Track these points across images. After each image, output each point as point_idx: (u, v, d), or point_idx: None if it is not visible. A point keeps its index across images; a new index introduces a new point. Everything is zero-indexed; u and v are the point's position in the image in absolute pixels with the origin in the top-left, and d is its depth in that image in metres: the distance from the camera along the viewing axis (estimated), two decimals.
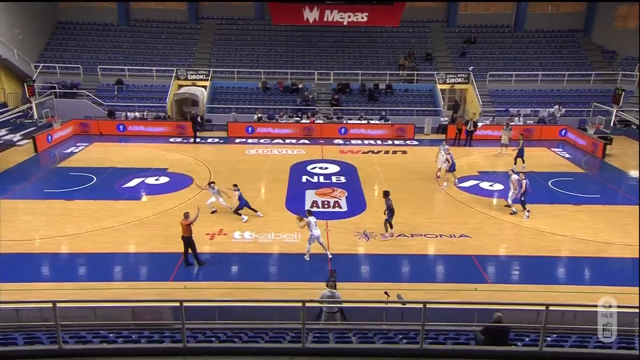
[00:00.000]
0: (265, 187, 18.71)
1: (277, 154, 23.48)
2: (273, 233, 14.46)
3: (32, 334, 7.28)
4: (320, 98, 29.73)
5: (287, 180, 19.32)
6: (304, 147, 24.56)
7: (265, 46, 32.45)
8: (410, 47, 32.42)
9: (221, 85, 30.15)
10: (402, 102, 29.63)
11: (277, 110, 28.51)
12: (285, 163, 21.60)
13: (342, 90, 29.87)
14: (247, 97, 29.64)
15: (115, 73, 29.59)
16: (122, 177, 19.21)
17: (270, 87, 29.97)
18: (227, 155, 23.22)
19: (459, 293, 11.34)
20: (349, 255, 13.32)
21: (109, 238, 14.01)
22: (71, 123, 25.96)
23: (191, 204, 16.67)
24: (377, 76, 30.57)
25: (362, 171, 20.60)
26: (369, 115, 28.22)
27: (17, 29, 28.24)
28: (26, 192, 17.51)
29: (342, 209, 16.46)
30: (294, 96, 29.61)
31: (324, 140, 25.84)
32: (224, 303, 9.20)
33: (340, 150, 24.07)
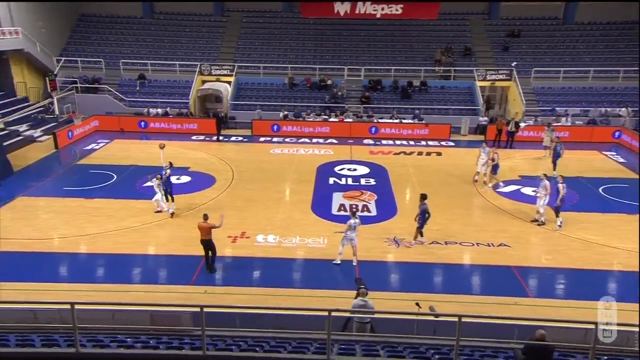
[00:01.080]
0: (291, 189, 18.78)
1: (303, 153, 23.57)
2: (298, 237, 14.50)
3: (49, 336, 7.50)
4: (350, 95, 29.69)
5: (313, 181, 19.36)
6: (332, 147, 24.57)
7: (293, 40, 32.65)
8: (447, 41, 32.02)
9: (246, 81, 30.49)
10: (437, 100, 29.30)
11: (304, 107, 28.61)
12: (311, 163, 21.67)
13: (373, 87, 29.76)
14: (272, 93, 29.87)
15: (137, 68, 30.32)
16: (143, 175, 19.64)
17: (298, 83, 30.11)
18: (251, 154, 23.46)
19: (497, 307, 11.10)
20: (377, 263, 13.23)
21: (128, 238, 14.34)
22: (92, 119, 26.73)
23: (213, 205, 16.92)
24: (411, 72, 30.32)
25: (393, 173, 20.46)
26: (401, 114, 28.01)
27: (40, 22, 29.30)
28: (46, 189, 18.12)
29: (371, 213, 16.37)
30: (322, 93, 29.67)
31: (353, 140, 25.79)
32: (245, 310, 9.27)
33: (370, 151, 23.97)
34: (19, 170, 20.14)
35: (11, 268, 12.64)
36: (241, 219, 15.80)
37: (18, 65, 28.11)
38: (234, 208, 16.63)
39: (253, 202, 17.20)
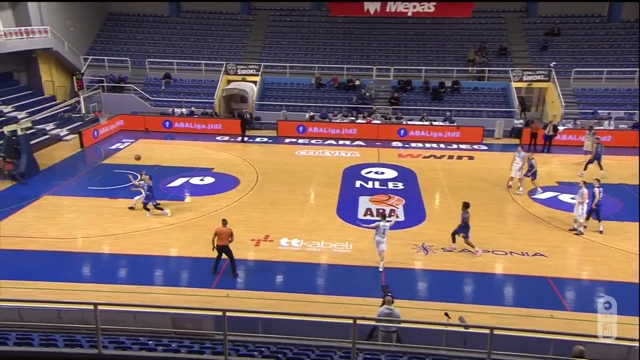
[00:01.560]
0: (316, 192, 18.81)
1: (329, 156, 23.59)
2: (322, 242, 14.51)
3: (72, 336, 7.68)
4: (379, 96, 29.59)
5: (339, 185, 19.36)
6: (359, 150, 24.51)
7: (321, 39, 32.76)
8: (481, 40, 31.60)
9: (272, 81, 30.73)
10: (470, 101, 28.91)
11: (331, 108, 28.65)
12: (337, 166, 21.67)
13: (402, 88, 29.57)
14: (299, 94, 30.03)
15: (163, 67, 30.91)
16: (166, 176, 20.00)
17: (325, 83, 30.18)
18: (276, 155, 23.60)
19: (532, 320, 10.85)
20: (405, 270, 13.12)
21: (151, 239, 14.60)
22: (117, 118, 27.37)
23: (237, 207, 17.08)
24: (442, 73, 30.02)
25: (423, 177, 20.28)
26: (432, 115, 27.74)
27: (68, 21, 30.21)
28: (71, 188, 18.62)
29: (398, 218, 16.26)
30: (349, 94, 29.65)
31: (380, 142, 25.68)
32: (268, 315, 9.31)
33: (398, 154, 23.82)
34: (45, 169, 20.76)
35: (36, 267, 13.02)
36: (265, 221, 15.89)
37: (46, 64, 29.04)
38: (257, 210, 16.75)
39: (277, 204, 17.28)
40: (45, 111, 25.08)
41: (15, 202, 17.09)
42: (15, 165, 19.37)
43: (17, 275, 12.39)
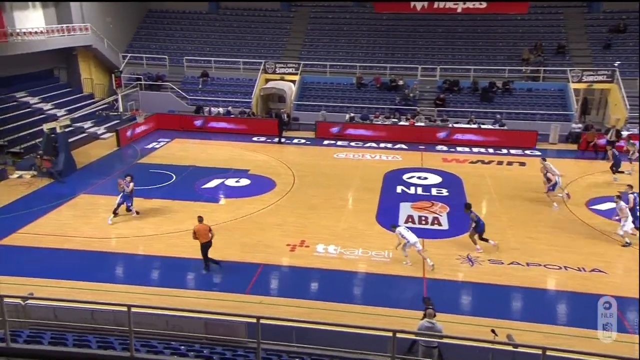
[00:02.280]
0: (354, 197, 18.76)
1: (369, 159, 23.51)
2: (361, 249, 14.45)
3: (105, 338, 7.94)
4: (423, 97, 29.28)
5: (379, 189, 19.26)
6: (401, 153, 24.33)
7: (363, 37, 32.73)
8: (537, 37, 30.79)
9: (311, 80, 30.90)
10: (522, 103, 28.20)
11: (373, 109, 28.55)
12: (378, 170, 21.57)
13: (449, 88, 29.16)
14: (339, 94, 30.07)
15: (201, 65, 31.60)
16: (201, 176, 20.39)
17: (366, 83, 30.11)
18: (313, 158, 23.70)
19: (588, 341, 10.42)
20: (448, 282, 12.90)
21: (184, 241, 14.87)
22: (154, 117, 28.15)
23: (273, 210, 17.24)
24: (493, 72, 29.41)
25: (469, 184, 19.95)
26: (480, 118, 27.21)
27: (108, 18, 31.35)
28: (106, 187, 19.27)
29: (442, 226, 16.05)
30: (392, 94, 29.47)
31: (424, 146, 25.40)
32: (302, 324, 9.33)
33: (443, 159, 23.51)
34: (82, 168, 21.56)
35: (70, 266, 13.53)
36: (301, 226, 15.97)
37: (86, 62, 30.21)
38: (293, 214, 16.85)
39: (314, 209, 17.34)
40: (84, 109, 26.06)
41: (52, 200, 17.81)
42: (53, 163, 20.20)
43: (52, 273, 12.91)
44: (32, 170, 20.23)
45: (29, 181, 19.69)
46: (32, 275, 12.73)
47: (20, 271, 13.01)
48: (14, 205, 17.33)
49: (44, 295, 10.86)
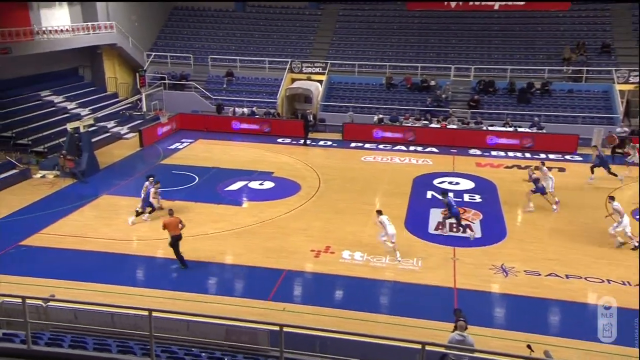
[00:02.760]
0: (382, 202, 18.68)
1: (398, 163, 23.40)
2: (388, 256, 14.37)
3: (125, 342, 8.06)
4: (456, 98, 29.01)
5: (408, 194, 19.16)
6: (432, 157, 24.14)
7: (394, 35, 32.61)
8: (580, 36, 30.16)
9: (339, 80, 30.92)
10: (563, 105, 27.65)
11: (402, 111, 28.40)
12: (407, 174, 21.46)
13: (484, 89, 28.80)
14: (367, 94, 30.02)
15: (226, 64, 31.95)
16: (225, 178, 20.58)
17: (396, 83, 29.99)
18: (340, 160, 23.70)
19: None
20: (480, 293, 12.71)
21: (206, 245, 15.06)
22: (177, 117, 28.56)
23: (297, 214, 17.28)
24: (531, 73, 28.94)
25: (504, 190, 19.67)
26: (516, 121, 26.80)
27: (133, 16, 31.98)
28: (129, 188, 19.62)
29: (475, 234, 15.83)
30: (423, 95, 29.28)
31: (456, 149, 25.14)
32: (327, 333, 9.30)
33: (476, 163, 23.24)
34: (105, 168, 22.02)
35: (92, 268, 13.81)
36: (326, 231, 15.97)
37: (110, 60, 30.87)
38: (318, 219, 16.86)
39: (340, 214, 17.32)
40: (108, 108, 26.63)
41: (74, 201, 18.22)
42: (76, 163, 20.67)
43: (74, 275, 13.20)
44: (55, 170, 20.74)
45: (51, 181, 20.18)
46: (53, 277, 13.04)
47: (42, 272, 13.33)
48: (37, 206, 17.79)
49: (65, 297, 11.09)
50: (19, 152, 21.70)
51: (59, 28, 26.02)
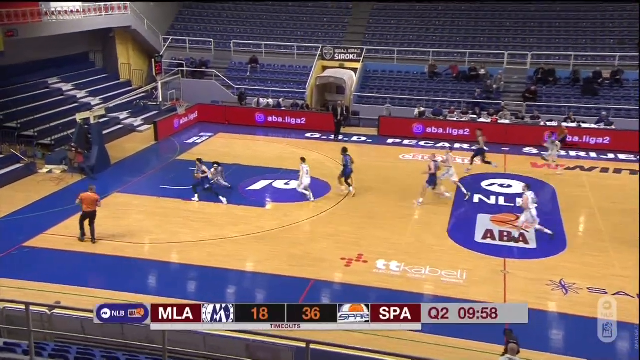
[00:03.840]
0: (422, 205, 18.55)
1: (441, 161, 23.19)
2: (428, 267, 14.27)
3: (135, 357, 8.18)
4: (509, 89, 28.69)
5: (452, 198, 18.99)
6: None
7: (439, 17, 32.40)
8: None
9: (375, 68, 30.84)
10: (636, 98, 26.94)
11: (447, 103, 28.19)
12: None
13: (542, 79, 28.38)
14: (407, 84, 29.89)
15: (250, 50, 32.21)
16: (246, 177, 20.75)
17: (440, 72, 29.79)
18: (375, 158, 23.65)
19: None
20: (535, 312, 12.39)
21: (225, 250, 15.20)
22: (196, 108, 28.90)
23: (326, 218, 17.30)
24: (599, 60, 28.37)
25: (564, 195, 19.37)
26: (580, 115, 26.34)
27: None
28: (141, 186, 19.94)
29: (528, 245, 15.65)
30: (471, 85, 29.01)
31: (509, 147, 24.83)
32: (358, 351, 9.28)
33: (531, 163, 22.95)
34: (116, 163, 22.42)
35: (100, 273, 14.10)
36: (358, 238, 15.93)
37: (123, 45, 31.38)
38: (350, 224, 16.84)
39: (374, 218, 17.27)
40: (120, 98, 27.05)
41: None
42: (86, 157, 21.05)
43: (81, 280, 13.49)
44: (63, 165, 21.17)
45: (58, 177, 20.62)
46: (58, 282, 13.33)
47: (47, 276, 13.64)
48: (42, 203, 18.20)
49: (71, 304, 11.32)
50: (23, 145, 22.14)
51: (68, 9, 26.45)
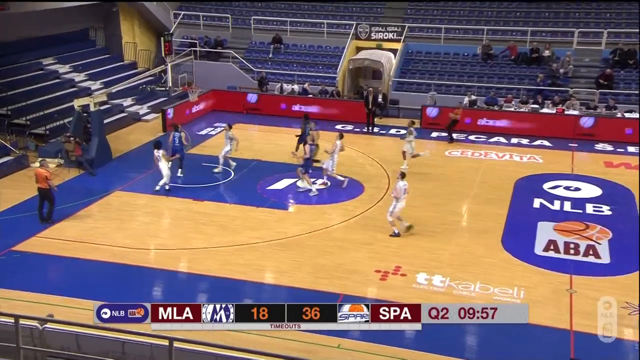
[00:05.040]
0: (472, 210, 18.45)
1: (495, 159, 23.16)
2: (479, 283, 14.16)
3: None
4: (579, 74, 28.43)
5: (508, 201, 18.90)
6: (543, 153, 23.73)
7: None
8: None
9: (419, 49, 30.77)
10: None
11: (503, 91, 27.98)
12: (507, 175, 21.22)
13: (620, 61, 27.96)
14: (456, 68, 29.83)
15: (272, 27, 32.34)
16: (267, 174, 20.86)
17: (496, 54, 29.61)
18: None
19: None
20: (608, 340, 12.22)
21: (242, 259, 15.25)
22: (211, 94, 29.12)
23: (358, 223, 17.27)
24: None
25: None
26: None
27: None
28: (147, 184, 20.13)
29: (600, 259, 15.45)
30: (533, 70, 28.77)
31: (577, 143, 24.49)
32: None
33: (605, 162, 22.69)
34: (118, 157, 22.71)
35: (99, 282, 14.23)
36: (396, 247, 15.88)
37: (128, 21, 31.75)
38: (386, 230, 16.74)
39: (415, 224, 17.13)
40: (124, 82, 27.26)
41: (80, 197, 18.85)
42: (84, 149, 21.28)
43: (77, 291, 13.57)
44: (58, 158, 21.46)
45: (53, 172, 20.84)
46: (52, 292, 13.50)
47: (38, 286, 13.82)
48: (34, 202, 18.41)
49: (65, 318, 11.46)
50: (14, 135, 22.56)
51: None
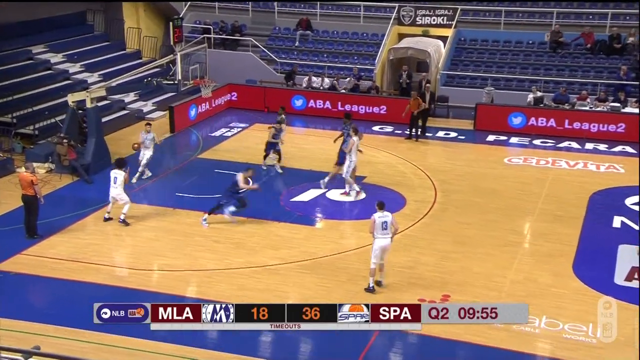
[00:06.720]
0: (536, 230, 18.36)
1: (565, 168, 23.04)
2: (545, 317, 14.04)
3: None
4: None
5: (581, 220, 18.78)
6: (624, 161, 23.56)
7: None
8: None
9: (473, 36, 30.78)
10: None
11: (576, 86, 27.76)
12: (579, 187, 21.11)
13: None
14: (518, 59, 29.77)
15: (299, 11, 32.46)
16: (291, 184, 20.96)
17: (567, 42, 29.48)
18: (470, 163, 23.54)
19: None
20: None
21: (261, 284, 15.27)
22: (226, 89, 29.29)
23: (400, 243, 17.15)
24: None
25: None
26: None
27: None
28: (152, 193, 20.33)
29: None
30: (613, 61, 28.61)
31: None
32: None
33: None
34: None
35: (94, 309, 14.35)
36: (443, 272, 15.85)
37: (132, 3, 31.97)
38: (432, 252, 16.76)
39: (466, 245, 17.16)
40: (126, 74, 27.46)
41: (74, 209, 19.06)
42: (79, 152, 21.43)
43: (68, 319, 13.63)
44: (49, 163, 21.63)
45: (43, 178, 21.04)
46: (39, 320, 13.60)
47: (23, 313, 13.91)
48: (20, 213, 18.58)
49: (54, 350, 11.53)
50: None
51: None
